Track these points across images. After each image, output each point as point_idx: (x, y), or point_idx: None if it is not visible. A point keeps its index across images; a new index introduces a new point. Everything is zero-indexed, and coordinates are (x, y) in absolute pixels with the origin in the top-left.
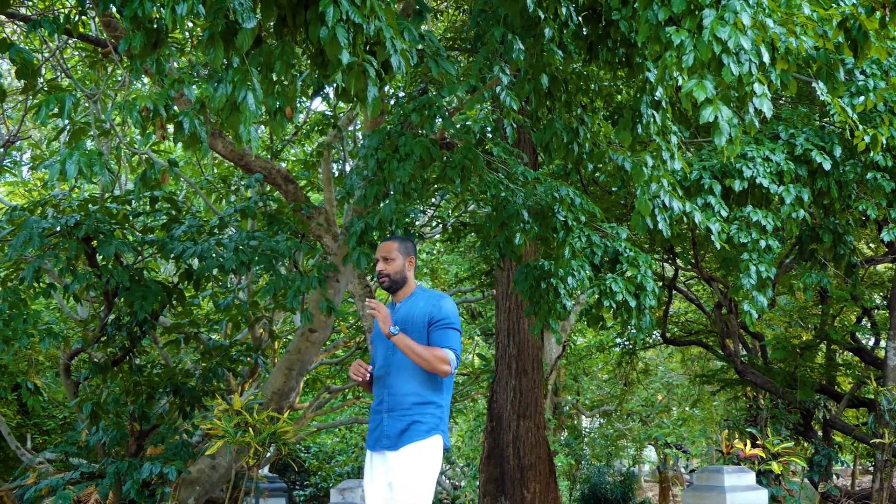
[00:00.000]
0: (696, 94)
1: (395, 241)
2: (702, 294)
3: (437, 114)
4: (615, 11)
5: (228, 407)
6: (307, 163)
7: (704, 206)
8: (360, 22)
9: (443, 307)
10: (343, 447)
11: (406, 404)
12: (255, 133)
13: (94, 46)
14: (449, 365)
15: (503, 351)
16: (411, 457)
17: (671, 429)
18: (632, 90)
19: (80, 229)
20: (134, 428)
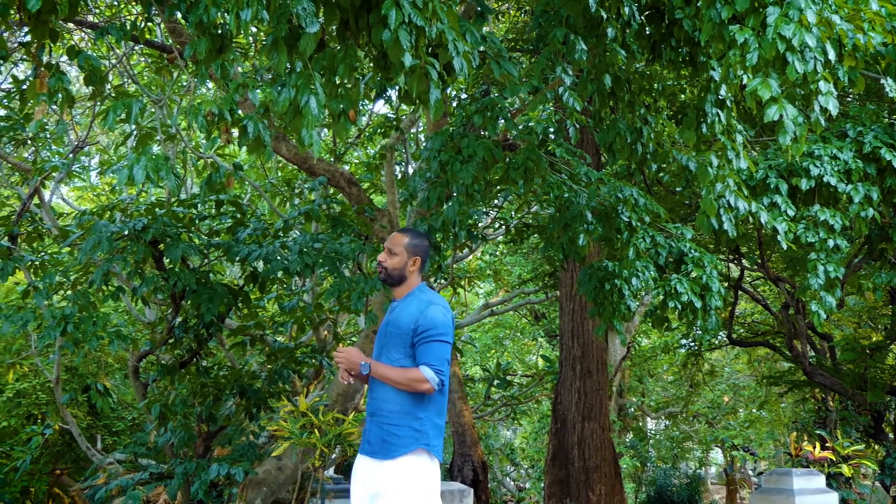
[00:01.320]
0: (760, 93)
1: (407, 235)
2: (768, 294)
3: (499, 115)
4: (678, 10)
5: (294, 408)
6: (370, 165)
7: (771, 206)
8: (423, 24)
9: (428, 316)
10: None
11: (384, 411)
12: (319, 136)
13: (160, 52)
14: (427, 383)
15: (567, 352)
16: (395, 476)
17: (738, 431)
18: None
19: (148, 233)
20: (201, 429)
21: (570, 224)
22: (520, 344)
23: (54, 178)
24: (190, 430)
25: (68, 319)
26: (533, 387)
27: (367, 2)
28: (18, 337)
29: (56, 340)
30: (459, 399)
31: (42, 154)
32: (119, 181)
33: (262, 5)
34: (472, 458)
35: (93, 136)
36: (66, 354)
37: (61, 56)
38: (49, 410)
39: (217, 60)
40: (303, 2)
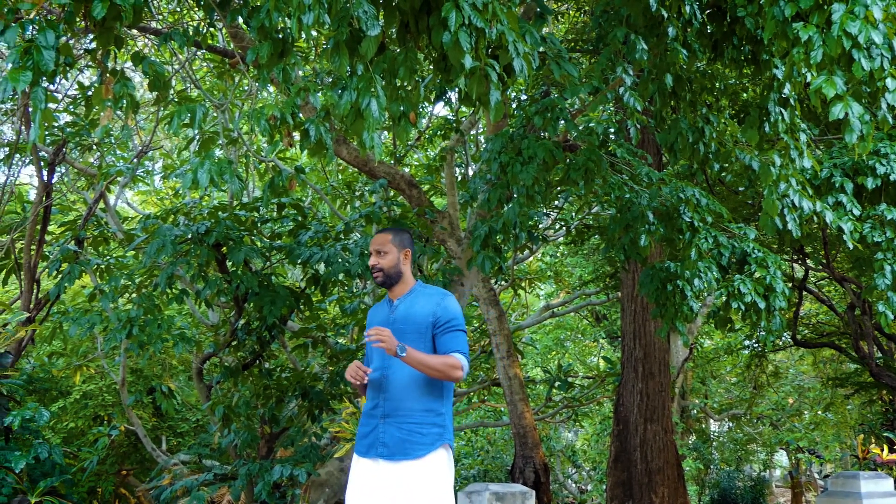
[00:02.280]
0: (825, 91)
1: (389, 232)
2: (834, 295)
3: (559, 116)
4: (740, 8)
5: (356, 410)
6: (430, 167)
7: (836, 205)
8: (483, 26)
9: (448, 307)
10: (468, 450)
11: (404, 411)
12: (379, 139)
13: (222, 57)
14: (461, 370)
15: (629, 354)
16: (424, 475)
17: (803, 433)
18: (758, 88)
19: (211, 236)
20: (264, 431)
21: (632, 225)
22: (581, 345)
23: (119, 182)
24: (253, 432)
25: (134, 322)
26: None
27: (428, 4)
28: (85, 339)
29: (122, 343)
30: (521, 401)
31: (107, 159)
32: (183, 185)
33: (323, 9)
34: (533, 460)
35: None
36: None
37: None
38: (115, 412)
39: (279, 65)
40: (364, 5)
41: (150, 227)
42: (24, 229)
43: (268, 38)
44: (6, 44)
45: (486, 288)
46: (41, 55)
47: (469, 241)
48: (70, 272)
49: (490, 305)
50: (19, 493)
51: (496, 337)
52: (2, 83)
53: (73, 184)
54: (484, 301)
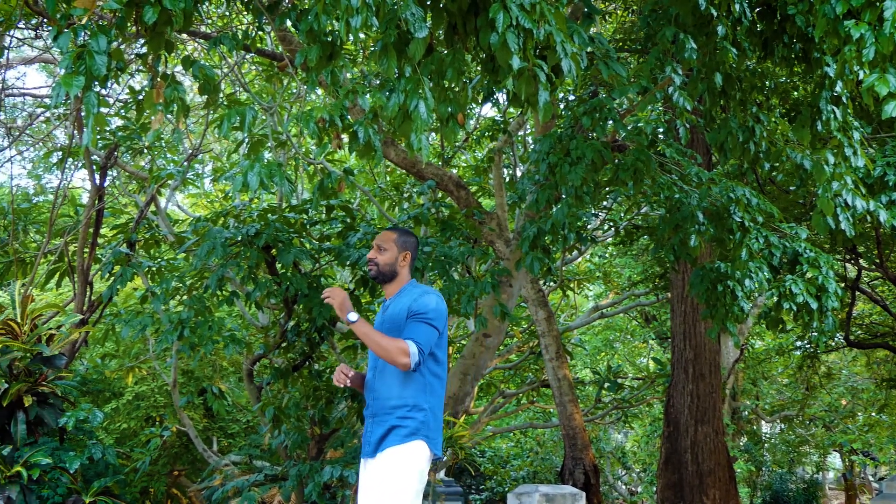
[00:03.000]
0: (877, 89)
1: (395, 231)
2: (887, 295)
3: (608, 116)
4: (791, 6)
5: None
6: (478, 168)
7: (889, 204)
8: (530, 27)
9: (422, 300)
10: (518, 452)
11: (387, 408)
12: (427, 140)
13: (271, 60)
14: (407, 357)
15: (679, 355)
16: (386, 463)
17: (857, 435)
18: (809, 86)
19: (261, 238)
20: (314, 432)
21: (681, 225)
22: (630, 346)
23: (170, 185)
24: (303, 433)
25: (185, 324)
26: (644, 389)
27: (475, 5)
28: (137, 341)
29: (173, 344)
30: (570, 402)
31: (158, 162)
32: (233, 188)
33: (371, 12)
34: (583, 462)
35: (206, 144)
36: (182, 358)
37: (176, 66)
38: (167, 413)
39: (327, 67)
40: (411, 7)
41: (201, 229)
42: (77, 232)
43: (316, 42)
44: (59, 49)
45: (534, 289)
46: (93, 60)
47: (517, 243)
48: (122, 274)
49: (539, 306)
50: (74, 493)
51: (545, 338)
52: (55, 88)
53: (125, 187)
54: (532, 302)
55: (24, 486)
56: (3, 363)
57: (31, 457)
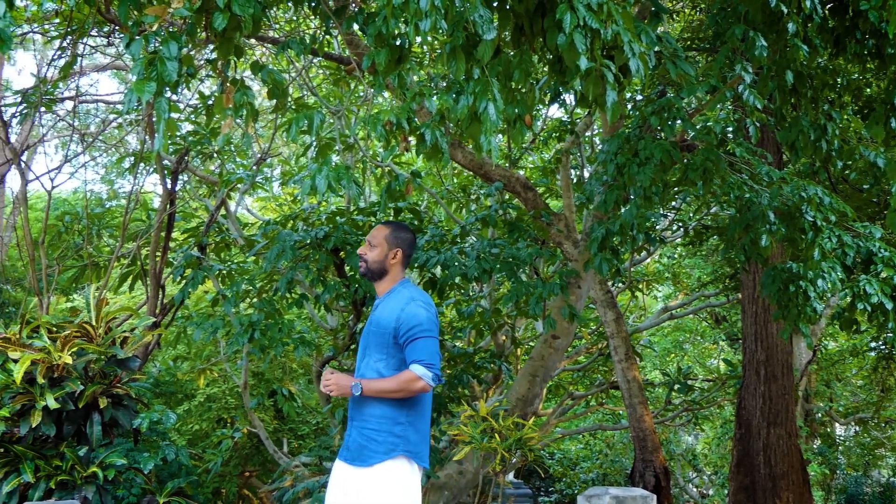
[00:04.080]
0: None
1: (388, 227)
2: None
3: (676, 116)
4: (863, 2)
5: (474, 413)
6: (545, 170)
7: None
8: (598, 27)
9: (410, 313)
10: (587, 454)
11: (364, 415)
12: (496, 142)
13: (338, 64)
14: (421, 380)
15: (750, 356)
16: (367, 484)
17: None
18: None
19: (330, 241)
20: None
21: (752, 225)
22: (700, 348)
23: (239, 189)
24: None
25: (255, 326)
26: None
27: (542, 6)
28: (208, 344)
29: (244, 347)
30: (640, 404)
31: (227, 166)
32: (302, 191)
33: (439, 15)
34: (653, 464)
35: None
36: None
37: (244, 71)
38: (238, 414)
39: (395, 71)
40: (479, 9)
41: (270, 232)
42: (149, 236)
43: (385, 45)
44: (131, 56)
45: (603, 290)
46: (165, 66)
47: (586, 244)
48: (193, 278)
49: (607, 308)
50: (148, 494)
51: (614, 339)
52: (128, 94)
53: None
54: (601, 303)
55: (100, 487)
56: (79, 365)
57: (107, 457)
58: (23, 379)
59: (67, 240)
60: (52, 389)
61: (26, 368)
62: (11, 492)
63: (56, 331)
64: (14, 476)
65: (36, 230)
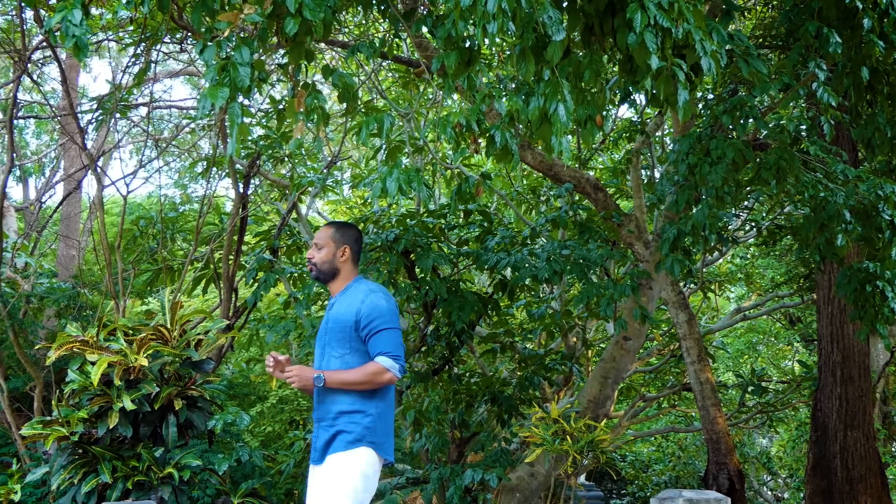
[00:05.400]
0: None
1: (331, 227)
2: None
3: (749, 114)
4: None
5: (545, 415)
6: (616, 170)
7: None
8: (669, 26)
9: (370, 305)
10: (659, 456)
11: (332, 413)
12: (566, 143)
13: (407, 67)
14: (388, 372)
15: (826, 358)
16: (329, 469)
17: None
18: None
19: (400, 244)
20: (455, 435)
21: (827, 224)
22: (774, 349)
23: (310, 192)
24: (444, 436)
25: None
26: (789, 393)
27: (612, 6)
28: (280, 346)
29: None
30: (713, 406)
31: (298, 170)
32: (372, 194)
33: (507, 17)
34: (727, 467)
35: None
36: None
37: (315, 75)
38: (309, 416)
39: (465, 73)
40: (548, 10)
41: None
42: (222, 240)
43: (454, 47)
44: (204, 62)
45: (674, 291)
46: (237, 72)
47: (657, 245)
48: (266, 281)
49: (679, 309)
50: (223, 495)
51: (686, 341)
52: (201, 100)
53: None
54: (673, 305)
55: (176, 487)
56: (155, 368)
57: (182, 458)
58: (100, 381)
59: (142, 244)
60: (129, 391)
61: (103, 371)
62: (90, 492)
63: (132, 333)
64: (92, 476)
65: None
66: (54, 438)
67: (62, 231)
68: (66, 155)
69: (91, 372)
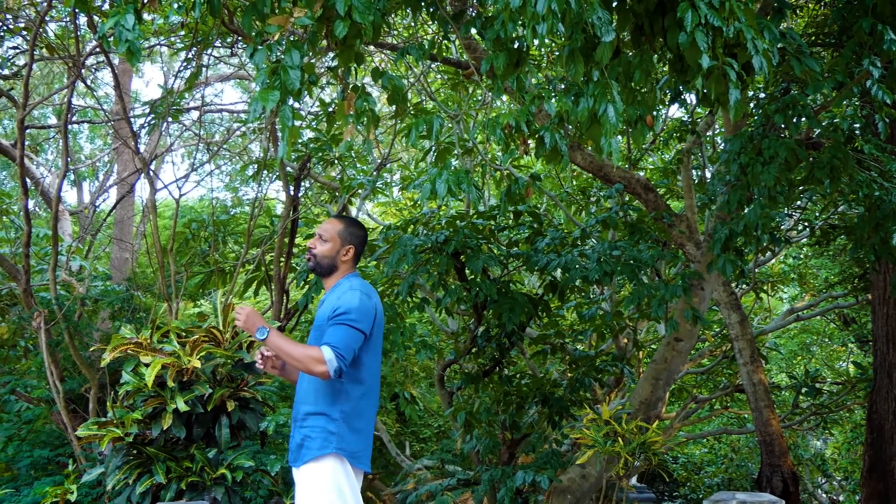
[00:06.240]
0: None
1: (341, 222)
2: None
3: (801, 113)
4: None
5: (597, 416)
6: (666, 170)
7: None
8: (720, 25)
9: (344, 299)
10: (712, 458)
11: (300, 414)
12: (616, 144)
13: (456, 69)
14: (323, 364)
15: (882, 359)
16: (303, 485)
17: None
18: None
19: (450, 245)
20: (506, 437)
21: (882, 223)
22: (828, 350)
23: (360, 194)
24: (494, 438)
25: None
26: (844, 395)
27: (662, 5)
28: None
29: None
30: (766, 407)
31: (348, 172)
32: (422, 195)
33: (557, 18)
34: (781, 469)
35: (394, 154)
36: None
37: (364, 78)
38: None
39: (514, 74)
40: (597, 11)
41: (391, 237)
42: (273, 242)
43: (503, 49)
44: (255, 65)
45: (726, 292)
46: (288, 75)
47: (708, 245)
48: (316, 282)
49: (731, 310)
50: (275, 495)
51: (738, 342)
52: (252, 103)
53: (317, 197)
54: (725, 305)
55: (229, 488)
56: (207, 369)
57: (235, 459)
58: (154, 382)
59: (194, 246)
60: (182, 393)
61: (157, 372)
62: (144, 492)
63: (185, 335)
64: (147, 477)
65: (164, 238)
66: (109, 439)
67: (116, 234)
68: (120, 159)
69: (145, 374)
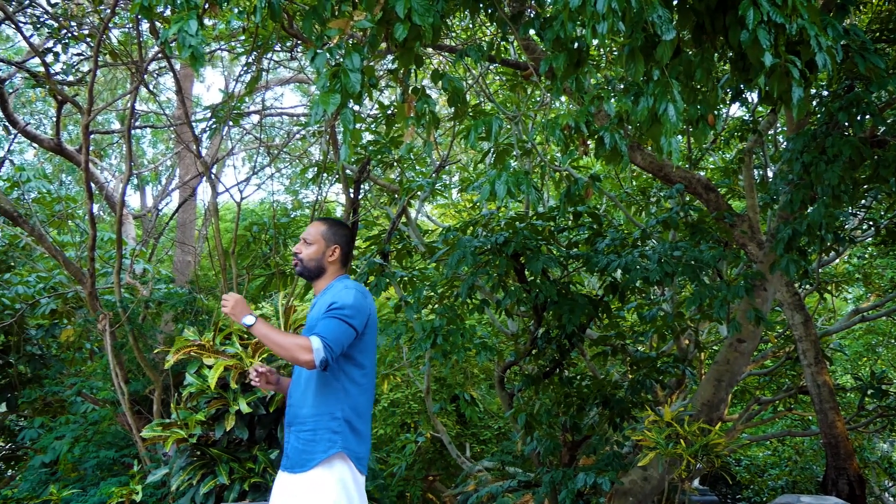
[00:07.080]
0: None
1: (324, 224)
2: None
3: (866, 111)
4: None
5: (658, 418)
6: (727, 170)
7: None
8: (782, 22)
9: (339, 295)
10: (775, 460)
11: (301, 419)
12: (676, 143)
13: (514, 70)
14: (309, 353)
15: None
16: (311, 489)
17: None
18: None
19: (509, 246)
20: (566, 438)
21: None
22: (894, 351)
23: (419, 196)
24: (555, 440)
25: (437, 332)
26: None
27: (723, 3)
28: (391, 349)
29: (426, 352)
30: (831, 409)
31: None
32: (482, 197)
33: (617, 17)
34: (847, 472)
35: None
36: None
37: (423, 80)
38: (421, 419)
39: (573, 74)
40: (658, 9)
41: (451, 239)
42: None
43: (562, 49)
44: (315, 69)
45: (790, 292)
46: (348, 78)
47: (771, 245)
48: (377, 284)
49: (795, 310)
50: None
51: (802, 343)
52: (313, 107)
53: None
54: (788, 306)
55: None
56: None
57: None
58: (217, 384)
59: (255, 249)
60: (245, 394)
61: (220, 374)
62: (208, 493)
63: (247, 338)
64: (210, 478)
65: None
66: (173, 440)
67: (178, 237)
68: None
69: (208, 375)
